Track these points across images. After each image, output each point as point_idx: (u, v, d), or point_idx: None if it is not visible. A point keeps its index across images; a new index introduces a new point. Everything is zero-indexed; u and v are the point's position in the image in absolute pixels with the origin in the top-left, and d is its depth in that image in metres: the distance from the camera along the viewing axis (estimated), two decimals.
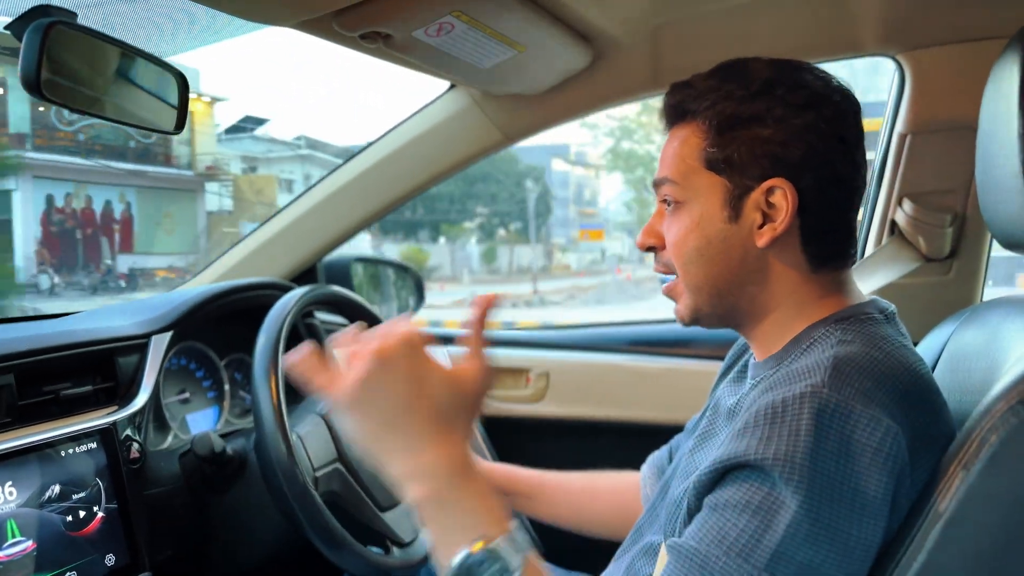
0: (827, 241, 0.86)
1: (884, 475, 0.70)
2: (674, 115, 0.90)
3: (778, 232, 0.84)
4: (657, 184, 0.91)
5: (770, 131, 0.83)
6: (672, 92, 0.90)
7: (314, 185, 1.75)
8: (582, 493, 1.26)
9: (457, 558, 0.71)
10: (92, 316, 1.40)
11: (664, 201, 0.91)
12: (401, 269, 2.16)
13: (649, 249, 0.95)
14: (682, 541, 0.74)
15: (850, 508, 0.69)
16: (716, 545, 0.71)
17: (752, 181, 0.84)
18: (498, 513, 0.74)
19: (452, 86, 1.60)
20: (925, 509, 0.71)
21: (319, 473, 1.19)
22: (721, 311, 0.90)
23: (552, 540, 1.26)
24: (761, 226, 0.84)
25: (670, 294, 0.93)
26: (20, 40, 0.86)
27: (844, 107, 0.86)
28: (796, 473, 0.69)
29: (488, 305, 0.79)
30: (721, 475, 0.75)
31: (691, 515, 0.78)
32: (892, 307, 0.89)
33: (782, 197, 0.83)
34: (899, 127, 1.45)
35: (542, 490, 1.24)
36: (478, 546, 0.71)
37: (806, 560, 0.69)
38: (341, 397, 0.73)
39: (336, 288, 1.39)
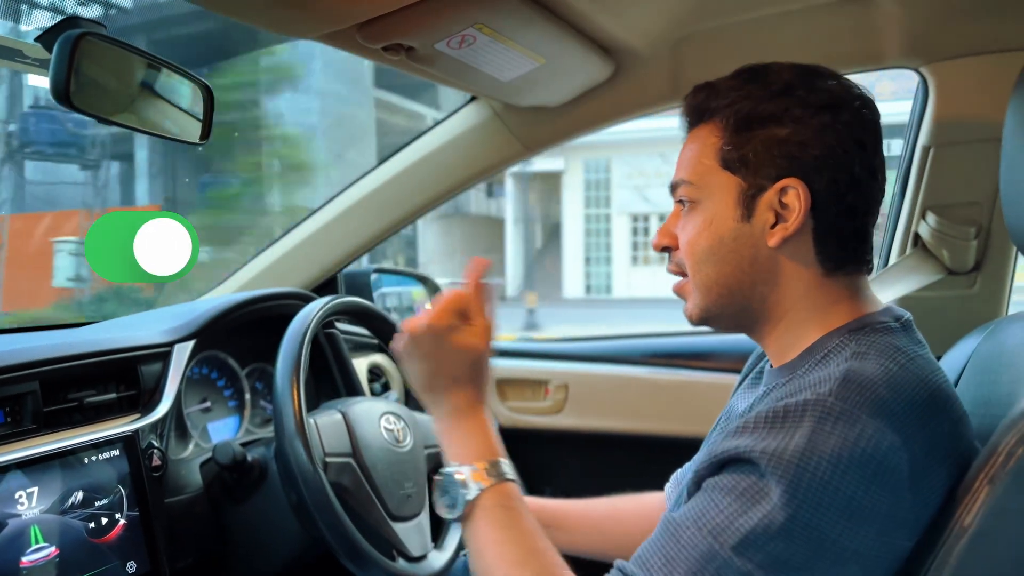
0: (840, 244, 0.85)
1: (883, 489, 0.70)
2: (694, 115, 0.91)
3: (789, 232, 0.83)
4: (674, 187, 0.92)
5: (787, 131, 0.83)
6: (694, 93, 0.91)
7: (335, 196, 1.76)
8: (607, 519, 1.22)
9: (444, 473, 0.92)
10: (116, 325, 1.42)
11: (680, 202, 0.91)
12: (421, 280, 2.16)
13: (664, 249, 0.95)
14: (669, 513, 0.77)
15: (840, 515, 0.69)
16: (694, 520, 0.73)
17: (766, 180, 0.84)
18: (480, 450, 0.91)
19: (473, 98, 1.61)
20: (949, 524, 0.71)
21: (329, 460, 1.18)
22: (731, 311, 0.90)
23: None
24: (773, 226, 0.84)
25: (679, 293, 0.94)
26: (50, 51, 0.87)
27: (864, 112, 0.85)
28: (782, 467, 0.70)
29: (481, 269, 0.95)
30: (719, 467, 0.76)
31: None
32: (908, 315, 0.88)
33: (795, 197, 0.83)
34: (922, 139, 1.44)
35: (564, 520, 1.21)
36: (453, 469, 0.90)
37: (776, 552, 0.69)
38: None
39: (357, 299, 1.40)
